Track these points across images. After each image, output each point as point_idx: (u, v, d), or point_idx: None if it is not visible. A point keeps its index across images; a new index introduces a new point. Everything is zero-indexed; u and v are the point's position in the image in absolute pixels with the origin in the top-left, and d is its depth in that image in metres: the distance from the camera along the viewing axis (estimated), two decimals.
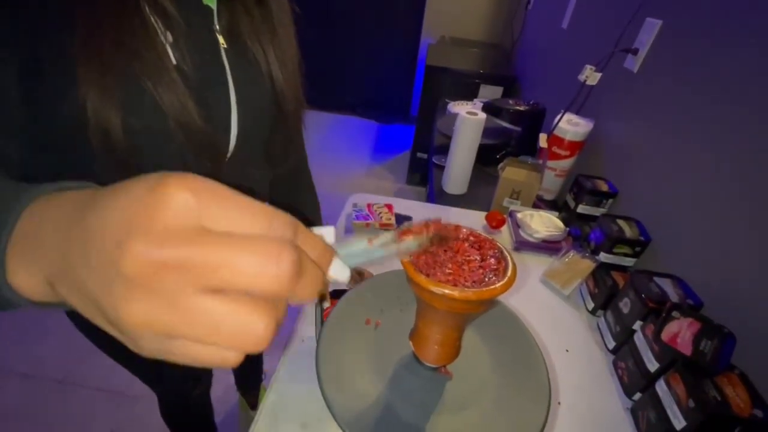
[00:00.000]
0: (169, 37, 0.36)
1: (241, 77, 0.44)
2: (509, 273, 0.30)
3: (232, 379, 1.12)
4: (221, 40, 0.42)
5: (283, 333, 0.64)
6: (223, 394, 1.21)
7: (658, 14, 0.86)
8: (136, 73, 0.34)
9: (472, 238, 0.33)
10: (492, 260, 0.31)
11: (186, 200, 0.14)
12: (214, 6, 0.41)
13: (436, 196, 1.18)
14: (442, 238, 0.28)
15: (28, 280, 0.18)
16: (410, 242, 0.24)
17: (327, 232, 0.21)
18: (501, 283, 0.29)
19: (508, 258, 0.31)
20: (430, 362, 0.37)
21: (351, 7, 2.80)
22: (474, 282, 0.30)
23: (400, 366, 0.40)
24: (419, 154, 2.36)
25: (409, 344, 0.38)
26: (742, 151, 0.62)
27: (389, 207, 0.90)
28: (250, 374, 1.10)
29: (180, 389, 0.78)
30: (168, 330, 0.14)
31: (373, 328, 0.46)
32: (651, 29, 0.86)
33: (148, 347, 0.15)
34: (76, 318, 0.59)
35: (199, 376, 0.79)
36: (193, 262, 0.13)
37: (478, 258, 0.31)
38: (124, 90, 0.33)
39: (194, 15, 0.39)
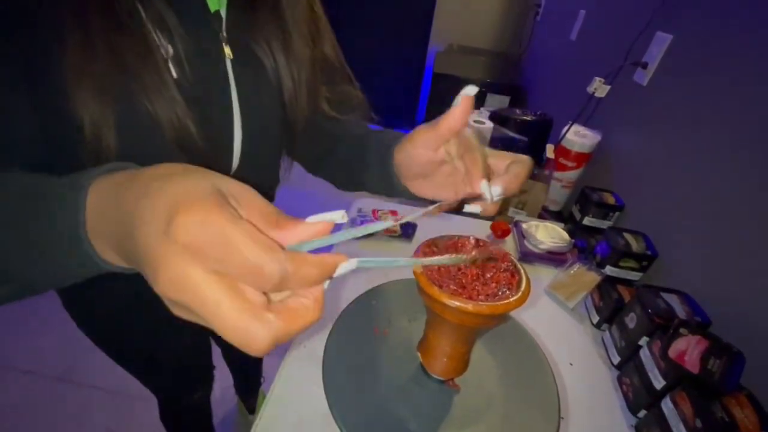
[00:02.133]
0: (170, 50, 0.33)
1: (247, 90, 0.41)
2: (523, 287, 0.29)
3: (230, 380, 1.11)
4: (227, 50, 0.39)
5: None
6: (221, 395, 1.20)
7: (669, 29, 0.86)
8: (133, 91, 0.32)
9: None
10: (506, 274, 0.31)
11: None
12: (223, 11, 0.38)
13: None
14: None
15: (108, 253, 0.22)
16: (454, 257, 0.25)
17: (331, 218, 0.22)
18: (515, 297, 0.28)
19: (522, 272, 0.31)
20: (438, 375, 0.37)
21: (360, 13, 2.82)
22: (487, 296, 0.29)
23: (408, 377, 0.39)
24: None
25: (417, 355, 0.38)
26: (753, 166, 0.61)
27: (394, 213, 0.89)
28: (250, 378, 1.09)
29: (180, 394, 0.77)
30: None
31: (381, 337, 0.45)
32: (661, 43, 0.86)
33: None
34: (78, 318, 0.58)
35: (200, 382, 0.78)
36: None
37: (492, 271, 0.31)
38: (119, 108, 0.31)
39: (198, 24, 0.36)
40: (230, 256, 0.17)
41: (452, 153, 0.35)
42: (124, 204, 0.19)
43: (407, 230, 0.88)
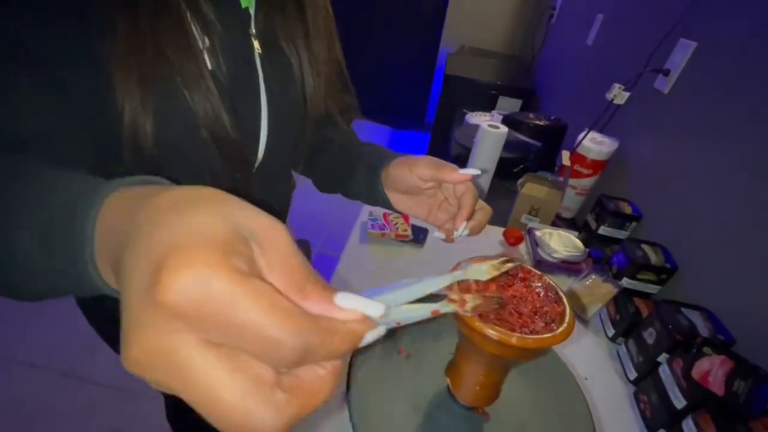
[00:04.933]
0: (206, 42, 0.34)
1: (274, 84, 0.42)
2: (567, 319, 0.27)
3: None
4: (257, 45, 0.40)
5: None
6: None
7: (693, 36, 0.84)
8: (172, 81, 0.32)
9: (522, 273, 0.31)
10: (551, 304, 0.29)
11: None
12: (252, 9, 0.39)
13: None
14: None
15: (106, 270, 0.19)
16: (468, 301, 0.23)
17: (373, 309, 0.17)
18: (561, 330, 0.26)
19: (565, 300, 0.29)
20: (468, 402, 0.35)
21: (372, 14, 2.81)
22: (533, 331, 0.27)
23: (434, 402, 0.38)
24: None
25: (445, 379, 0.36)
26: None
27: (406, 218, 0.88)
28: None
29: None
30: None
31: (405, 358, 0.43)
32: (685, 50, 0.84)
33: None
34: (88, 312, 0.58)
35: None
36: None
37: (534, 301, 0.29)
38: (157, 96, 0.32)
39: (231, 18, 0.38)
40: (237, 326, 0.13)
41: (453, 191, 0.43)
42: (127, 227, 0.16)
43: (418, 235, 0.86)
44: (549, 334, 0.26)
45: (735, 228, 0.65)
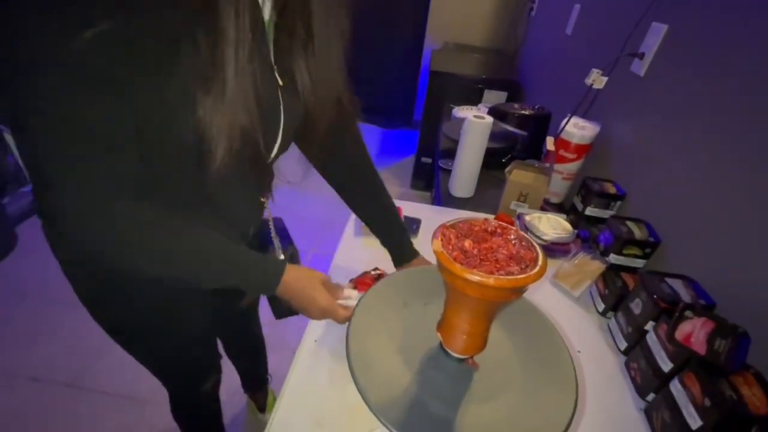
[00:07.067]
0: (258, 76, 0.43)
1: (289, 108, 0.52)
2: (540, 262, 0.30)
3: (237, 382, 1.12)
4: (278, 78, 0.49)
5: (295, 337, 0.65)
6: (231, 396, 1.21)
7: (664, 19, 0.87)
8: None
9: (499, 230, 0.34)
10: (522, 251, 0.32)
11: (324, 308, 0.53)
12: (271, 46, 0.48)
13: (443, 199, 1.19)
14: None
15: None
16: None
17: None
18: (534, 271, 0.29)
19: (538, 248, 0.32)
20: (458, 352, 0.38)
21: (355, 14, 2.83)
22: (508, 273, 0.30)
23: (428, 358, 0.41)
24: (423, 159, 2.37)
25: (437, 336, 0.39)
26: (750, 151, 0.62)
27: (398, 209, 0.90)
28: (254, 371, 1.10)
29: (190, 382, 0.79)
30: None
31: (399, 322, 0.46)
32: (657, 33, 0.87)
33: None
34: (92, 308, 0.61)
35: (209, 368, 0.81)
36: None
37: (509, 249, 0.32)
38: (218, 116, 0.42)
39: (264, 56, 0.46)
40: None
41: None
42: (301, 288, 0.53)
43: (411, 226, 0.89)
44: (523, 275, 0.29)
45: (712, 200, 0.68)
